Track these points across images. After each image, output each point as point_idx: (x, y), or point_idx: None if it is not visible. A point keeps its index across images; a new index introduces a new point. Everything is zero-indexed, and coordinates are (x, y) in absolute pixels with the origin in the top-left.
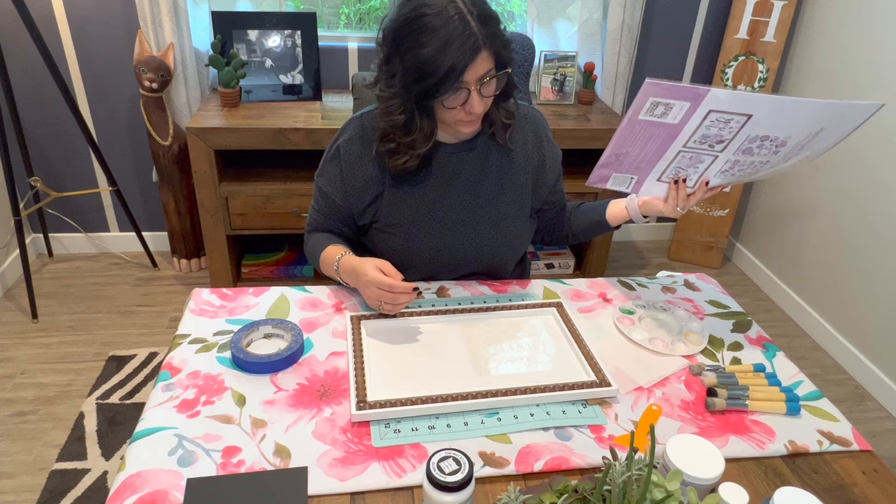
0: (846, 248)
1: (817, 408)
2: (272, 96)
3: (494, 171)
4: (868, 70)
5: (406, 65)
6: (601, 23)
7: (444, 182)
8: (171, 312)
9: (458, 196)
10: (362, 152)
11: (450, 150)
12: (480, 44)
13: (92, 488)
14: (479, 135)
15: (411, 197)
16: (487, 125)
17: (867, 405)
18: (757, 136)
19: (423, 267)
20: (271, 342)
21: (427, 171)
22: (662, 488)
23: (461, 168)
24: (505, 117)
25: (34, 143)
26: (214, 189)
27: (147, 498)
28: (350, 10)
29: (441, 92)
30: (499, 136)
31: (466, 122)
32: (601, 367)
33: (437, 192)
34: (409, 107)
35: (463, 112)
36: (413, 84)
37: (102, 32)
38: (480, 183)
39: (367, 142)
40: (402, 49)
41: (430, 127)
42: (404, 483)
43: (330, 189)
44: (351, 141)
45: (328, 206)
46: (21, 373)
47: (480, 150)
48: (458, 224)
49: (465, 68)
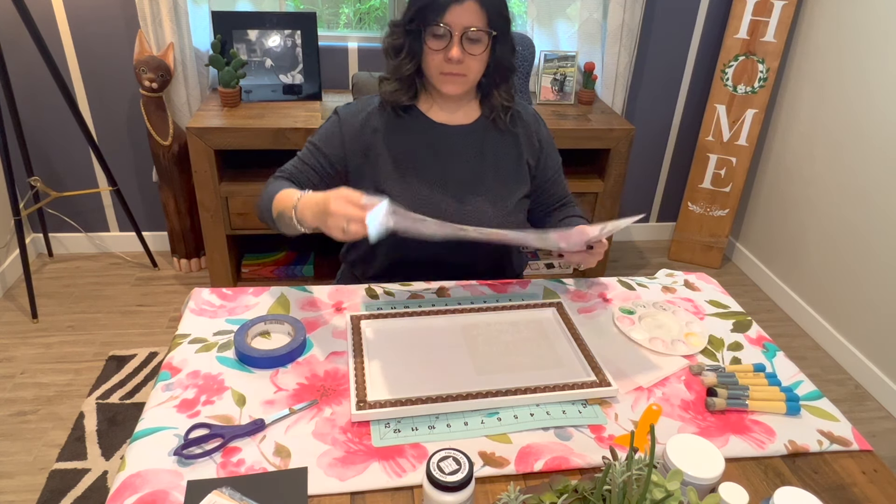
0: (846, 248)
1: (817, 408)
2: (272, 96)
3: (492, 153)
4: (868, 70)
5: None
6: (601, 23)
7: (443, 161)
8: (171, 312)
9: (458, 175)
10: (363, 120)
11: (448, 130)
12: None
13: (92, 488)
14: (477, 119)
15: (410, 174)
16: (488, 109)
17: (867, 405)
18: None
19: (421, 246)
20: (272, 339)
21: (427, 151)
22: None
23: (459, 148)
24: (505, 99)
25: (34, 143)
26: (214, 189)
27: (147, 498)
28: (350, 9)
29: (427, 21)
30: (499, 120)
31: (448, 78)
32: (601, 367)
33: (436, 172)
34: (403, 32)
35: (444, 59)
36: (408, 9)
37: (102, 32)
38: (479, 163)
39: (363, 111)
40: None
41: (415, 51)
42: (404, 483)
43: (323, 142)
44: (348, 106)
45: (313, 158)
46: (21, 373)
47: (478, 133)
48: (456, 202)
49: (449, 5)
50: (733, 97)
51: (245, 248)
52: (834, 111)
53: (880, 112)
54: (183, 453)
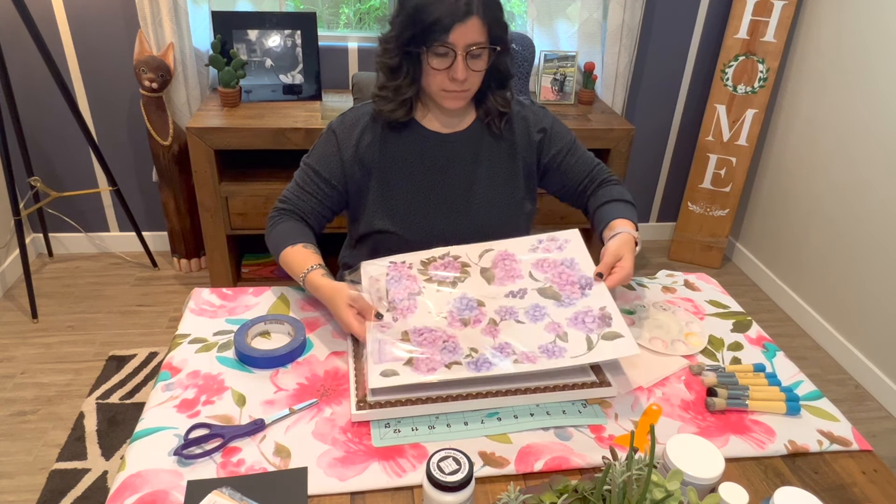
0: (846, 248)
1: (817, 408)
2: (272, 96)
3: (487, 158)
4: (868, 70)
5: (405, 11)
6: (601, 23)
7: (438, 170)
8: (171, 312)
9: (452, 183)
10: (358, 136)
11: (442, 138)
12: (473, 10)
13: (92, 488)
14: (472, 123)
15: (406, 184)
16: (483, 113)
17: (867, 405)
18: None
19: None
20: (272, 339)
21: (420, 159)
22: (662, 488)
23: (454, 156)
24: (501, 105)
25: (34, 143)
26: (214, 189)
27: (147, 498)
28: (350, 9)
29: (428, 42)
30: (493, 125)
31: (450, 94)
32: (601, 367)
33: (430, 180)
34: (399, 52)
35: (447, 78)
36: (406, 29)
37: (102, 32)
38: (474, 170)
39: (358, 125)
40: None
41: (414, 73)
42: (404, 483)
43: (321, 165)
44: (342, 121)
45: (314, 184)
46: (21, 373)
47: (473, 139)
48: (452, 211)
49: (453, 25)
50: (733, 97)
51: (245, 248)
52: (834, 111)
53: (880, 112)
54: (183, 453)
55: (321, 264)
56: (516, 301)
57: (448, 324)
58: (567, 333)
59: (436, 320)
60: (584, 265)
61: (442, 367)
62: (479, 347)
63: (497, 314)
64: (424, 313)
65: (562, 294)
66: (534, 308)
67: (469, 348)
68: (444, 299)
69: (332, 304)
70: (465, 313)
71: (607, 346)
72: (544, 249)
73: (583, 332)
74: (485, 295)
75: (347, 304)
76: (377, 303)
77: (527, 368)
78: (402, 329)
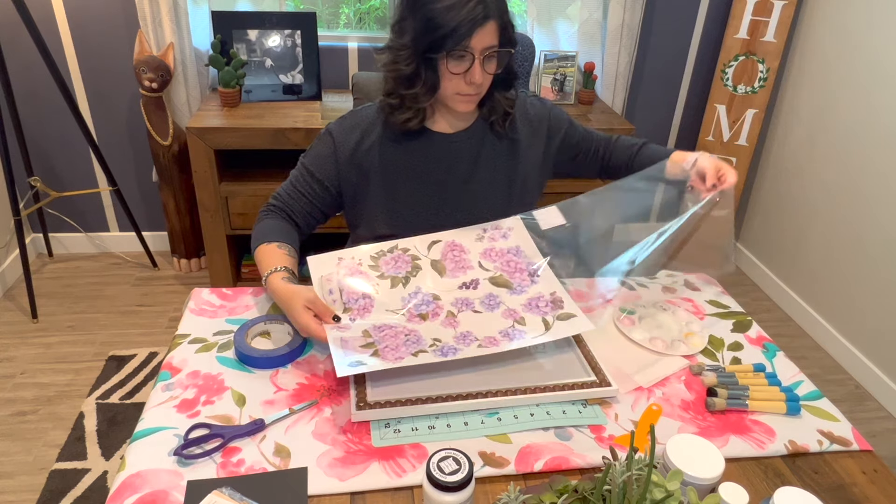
0: (846, 248)
1: (817, 408)
2: (272, 96)
3: (490, 158)
4: (868, 70)
5: (418, 18)
6: (601, 23)
7: (443, 169)
8: (170, 312)
9: (455, 184)
10: (357, 140)
11: (448, 138)
12: (490, 13)
13: (92, 488)
14: (475, 123)
15: (409, 188)
16: (487, 112)
17: (867, 405)
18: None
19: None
20: (272, 339)
21: (424, 162)
22: (662, 488)
23: (458, 154)
24: (506, 105)
25: (34, 143)
26: (214, 189)
27: (147, 498)
28: (350, 9)
29: (447, 47)
30: (497, 125)
31: (464, 98)
32: (601, 367)
33: (433, 181)
34: (415, 59)
35: (464, 82)
36: (422, 36)
37: (102, 32)
38: (476, 171)
39: (356, 128)
40: (418, 6)
41: (432, 81)
42: (404, 483)
43: (315, 166)
44: (341, 123)
45: (306, 185)
46: (21, 373)
47: (476, 139)
48: (454, 211)
49: (473, 31)
50: (733, 97)
51: (245, 248)
52: (834, 111)
53: (880, 112)
54: (183, 453)
55: (287, 267)
56: (470, 292)
57: (407, 319)
58: (524, 318)
59: (394, 318)
60: (529, 252)
61: (409, 355)
62: (442, 338)
63: (454, 306)
64: (382, 311)
65: (512, 282)
66: (488, 297)
67: (432, 339)
68: (398, 295)
69: (289, 307)
70: (423, 308)
71: (563, 325)
72: (490, 238)
73: (538, 315)
74: (439, 288)
75: (304, 306)
76: (332, 304)
77: (492, 350)
78: (363, 328)
